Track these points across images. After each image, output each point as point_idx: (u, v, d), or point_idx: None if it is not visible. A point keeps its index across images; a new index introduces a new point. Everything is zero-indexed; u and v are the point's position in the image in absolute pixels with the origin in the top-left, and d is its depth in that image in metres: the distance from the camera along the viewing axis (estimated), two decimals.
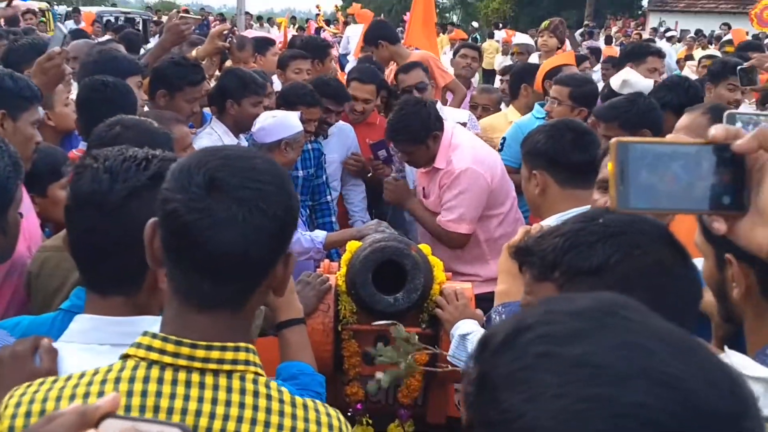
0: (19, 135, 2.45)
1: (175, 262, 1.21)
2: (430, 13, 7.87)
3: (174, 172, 1.20)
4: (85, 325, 1.43)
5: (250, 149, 1.34)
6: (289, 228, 1.25)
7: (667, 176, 0.98)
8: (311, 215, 4.39)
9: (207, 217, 1.15)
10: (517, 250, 1.42)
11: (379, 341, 2.58)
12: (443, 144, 3.75)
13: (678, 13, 28.57)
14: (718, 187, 0.99)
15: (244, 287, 1.23)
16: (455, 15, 40.56)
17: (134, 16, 22.00)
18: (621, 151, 0.98)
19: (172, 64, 3.86)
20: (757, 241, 0.99)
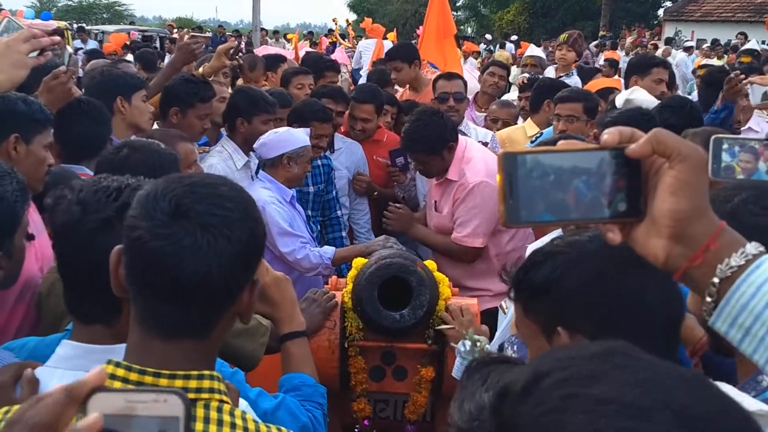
0: (32, 158, 2.48)
1: (138, 289, 1.22)
2: (448, 25, 7.84)
3: (140, 198, 1.21)
4: (69, 352, 1.44)
5: (216, 176, 1.34)
6: (255, 254, 1.25)
7: (558, 186, 0.93)
8: (321, 230, 4.42)
9: (171, 243, 1.16)
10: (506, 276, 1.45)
11: (385, 358, 2.60)
12: (457, 156, 3.77)
13: (694, 22, 28.41)
14: (613, 194, 0.94)
15: (208, 314, 1.23)
16: (470, 27, 40.59)
17: (152, 33, 22.25)
18: (507, 163, 0.93)
19: (183, 81, 3.92)
20: (652, 251, 0.95)
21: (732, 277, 0.90)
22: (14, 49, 2.19)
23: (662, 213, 0.92)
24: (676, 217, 0.91)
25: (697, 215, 0.92)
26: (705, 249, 0.91)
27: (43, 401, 0.82)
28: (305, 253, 3.51)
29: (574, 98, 4.41)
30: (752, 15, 27.20)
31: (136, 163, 2.10)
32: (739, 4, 29.10)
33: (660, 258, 0.94)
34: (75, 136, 2.98)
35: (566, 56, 7.21)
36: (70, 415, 0.81)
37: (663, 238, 0.93)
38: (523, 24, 34.97)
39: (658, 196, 0.93)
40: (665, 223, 0.92)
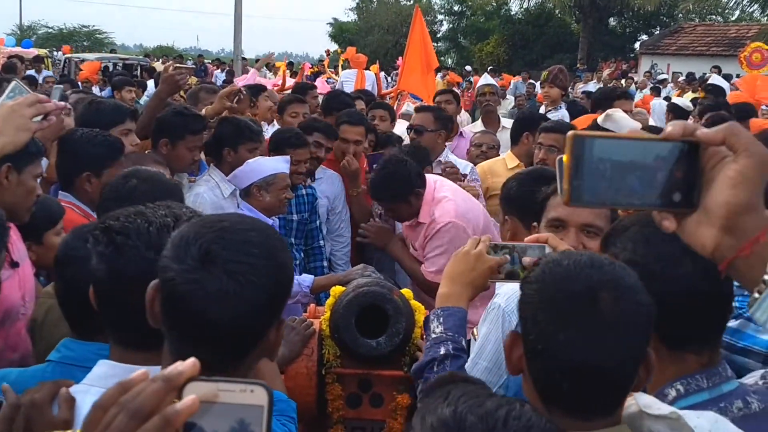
0: (22, 187, 2.50)
1: (169, 325, 1.27)
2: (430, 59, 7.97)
3: (174, 240, 1.26)
4: (107, 371, 1.47)
5: (249, 219, 1.36)
6: (281, 298, 1.30)
7: (619, 172, 0.97)
8: (304, 259, 4.45)
9: (200, 288, 1.21)
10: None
11: (362, 385, 2.64)
12: (426, 199, 3.84)
13: (670, 55, 28.94)
14: (669, 183, 0.98)
15: (235, 354, 1.28)
16: (450, 58, 41.05)
17: (132, 62, 22.30)
18: (576, 145, 0.97)
19: (174, 113, 3.96)
20: (701, 241, 0.99)
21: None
22: (19, 113, 2.22)
23: (718, 204, 0.96)
24: (731, 209, 0.95)
25: (751, 209, 0.96)
26: (755, 241, 0.96)
27: (146, 391, 0.86)
28: None
29: (558, 129, 4.47)
30: (726, 49, 27.75)
31: (143, 193, 2.15)
32: (714, 38, 29.70)
33: (708, 247, 0.98)
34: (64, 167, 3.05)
35: (549, 93, 7.35)
36: (168, 401, 0.86)
37: (714, 228, 0.97)
38: (502, 56, 35.46)
39: (716, 187, 0.96)
40: (720, 213, 0.96)
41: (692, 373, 1.51)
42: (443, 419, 1.06)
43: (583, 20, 34.15)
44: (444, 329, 1.85)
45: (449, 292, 1.90)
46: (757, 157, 0.95)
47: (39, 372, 1.73)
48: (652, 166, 0.98)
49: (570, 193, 0.97)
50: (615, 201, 1.00)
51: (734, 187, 0.95)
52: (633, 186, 0.97)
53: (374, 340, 2.53)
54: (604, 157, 0.97)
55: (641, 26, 38.13)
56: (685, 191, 0.98)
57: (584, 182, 0.97)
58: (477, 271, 1.84)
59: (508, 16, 38.83)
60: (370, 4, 41.72)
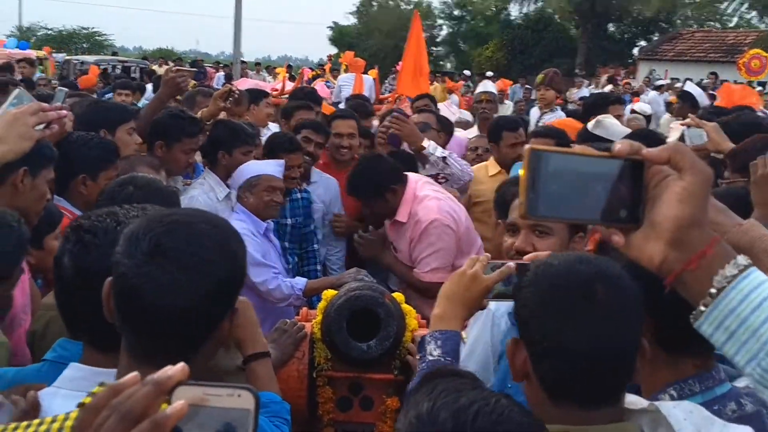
0: (35, 192, 2.51)
1: (123, 319, 1.30)
2: (423, 62, 8.03)
3: (125, 236, 1.29)
4: (75, 374, 1.50)
5: (199, 212, 1.42)
6: (233, 287, 1.33)
7: (573, 186, 1.01)
8: (299, 262, 4.46)
9: (150, 281, 1.24)
10: None
11: (353, 388, 2.65)
12: (407, 197, 3.86)
13: (668, 61, 29.01)
14: (616, 200, 1.02)
15: (188, 343, 1.30)
16: (449, 63, 41.12)
17: (131, 65, 22.32)
18: (533, 159, 1.00)
19: (170, 116, 3.98)
20: (648, 254, 1.02)
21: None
22: (21, 121, 2.24)
23: (665, 218, 1.00)
24: (678, 223, 1.00)
25: (696, 224, 1.00)
26: (701, 255, 1.00)
27: (137, 394, 0.88)
28: (277, 283, 3.57)
29: (547, 134, 4.53)
30: (724, 55, 27.84)
31: (139, 201, 2.16)
32: (712, 45, 29.79)
33: (656, 261, 1.02)
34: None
35: (545, 95, 7.43)
36: (158, 405, 0.88)
37: (661, 242, 1.01)
38: (501, 60, 35.51)
39: (663, 203, 1.00)
40: (667, 227, 1.00)
41: (686, 378, 1.53)
42: (419, 414, 1.09)
43: (582, 26, 34.26)
44: (442, 353, 1.82)
45: (444, 313, 1.87)
46: (701, 175, 1.00)
47: (34, 371, 1.75)
48: (602, 182, 1.01)
49: (527, 205, 1.00)
50: (567, 215, 1.04)
51: (681, 202, 0.99)
52: (584, 201, 1.01)
53: (365, 344, 2.55)
54: (558, 171, 1.00)
55: (640, 32, 38.21)
56: (630, 208, 1.02)
57: (539, 195, 1.00)
58: (471, 291, 1.83)
59: (508, 21, 38.95)
60: (370, 8, 41.81)
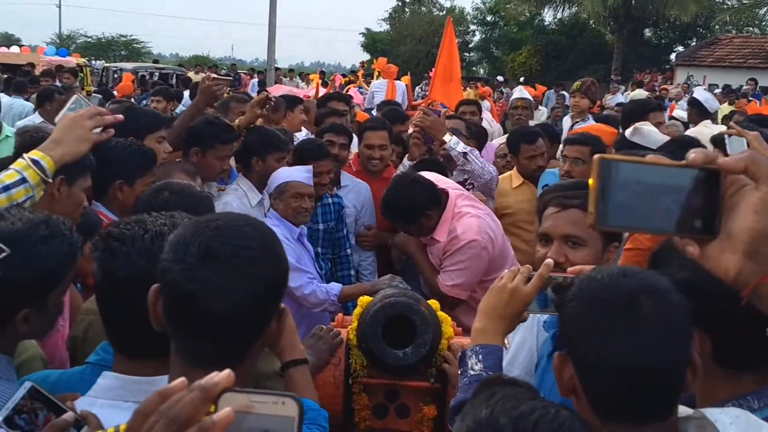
0: (72, 200, 2.54)
1: (176, 325, 1.31)
2: (455, 69, 8.02)
3: (172, 243, 1.30)
4: (111, 383, 1.51)
5: (241, 216, 1.43)
6: (280, 288, 1.34)
7: (643, 196, 0.99)
8: (331, 268, 4.47)
9: (204, 285, 1.25)
10: None
11: (389, 395, 2.64)
12: (445, 217, 3.82)
13: (706, 67, 28.60)
14: (691, 210, 1.00)
15: (241, 345, 1.32)
16: (482, 69, 41.00)
17: (168, 71, 22.64)
18: (603, 169, 0.99)
19: (206, 122, 4.03)
20: (724, 266, 1.00)
21: None
22: (79, 124, 2.29)
23: (741, 230, 0.98)
24: (754, 234, 0.97)
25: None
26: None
27: (183, 400, 0.90)
28: (312, 288, 3.57)
29: (583, 141, 4.49)
30: (763, 61, 27.39)
31: (175, 206, 2.18)
32: (751, 51, 29.31)
33: (731, 273, 1.00)
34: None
35: (580, 103, 7.41)
36: (204, 410, 0.90)
37: (737, 254, 0.98)
38: (535, 66, 35.29)
39: (739, 214, 0.98)
40: (742, 239, 0.98)
41: (745, 394, 1.49)
42: (478, 420, 1.09)
43: (618, 31, 33.87)
44: (484, 367, 1.81)
45: (485, 327, 1.85)
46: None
47: (78, 374, 1.78)
48: (675, 192, 1.00)
49: (596, 215, 0.99)
50: (639, 225, 1.02)
51: (757, 213, 0.97)
52: (656, 211, 0.99)
53: (401, 351, 2.53)
54: (628, 181, 0.99)
55: (677, 37, 37.76)
56: (705, 218, 1.00)
57: (609, 205, 0.99)
58: (511, 305, 1.81)
59: (541, 26, 38.70)
60: (402, 15, 41.87)
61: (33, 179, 2.20)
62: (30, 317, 1.78)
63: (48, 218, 1.84)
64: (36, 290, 1.78)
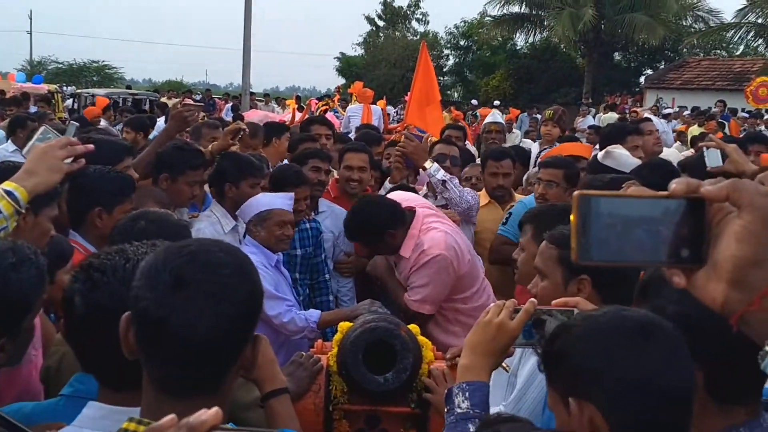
0: (37, 229, 2.52)
1: (147, 353, 1.29)
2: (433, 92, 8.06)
3: (143, 270, 1.29)
4: (95, 413, 1.49)
5: (213, 241, 1.42)
6: (254, 313, 1.33)
7: (626, 229, 0.99)
8: (310, 293, 4.45)
9: (175, 312, 1.24)
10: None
11: (369, 421, 2.62)
12: (411, 233, 3.83)
13: (675, 90, 29.05)
14: (676, 240, 0.99)
15: (216, 372, 1.31)
16: (456, 92, 41.33)
17: (142, 97, 22.55)
18: (582, 204, 0.99)
19: (175, 148, 4.02)
20: (711, 295, 0.99)
21: None
22: (51, 154, 2.30)
23: (725, 258, 0.97)
24: (738, 263, 0.96)
25: (757, 263, 0.96)
26: (763, 295, 0.96)
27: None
28: (291, 316, 3.56)
29: (556, 164, 4.56)
30: (731, 83, 27.87)
31: (152, 235, 2.17)
32: (719, 73, 29.86)
33: (718, 301, 0.99)
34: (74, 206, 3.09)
35: (551, 132, 7.58)
36: None
37: (723, 282, 0.97)
38: (508, 90, 35.68)
39: (722, 242, 0.97)
40: (727, 267, 0.97)
41: (737, 425, 1.50)
42: None
43: (588, 55, 34.39)
44: (470, 405, 1.80)
45: (471, 363, 1.85)
46: (761, 211, 0.96)
47: (52, 405, 1.75)
48: (659, 223, 0.99)
49: (578, 251, 0.99)
50: (623, 258, 1.01)
51: (740, 241, 0.96)
52: (641, 243, 0.99)
53: (382, 376, 2.53)
54: (610, 215, 0.99)
55: (646, 60, 38.37)
56: (692, 247, 1.00)
57: (591, 240, 0.99)
58: (498, 341, 1.81)
59: (514, 50, 39.15)
60: (377, 39, 42.15)
61: (7, 210, 2.19)
62: (6, 346, 1.76)
63: (13, 245, 1.82)
64: (11, 318, 1.76)
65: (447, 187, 4.58)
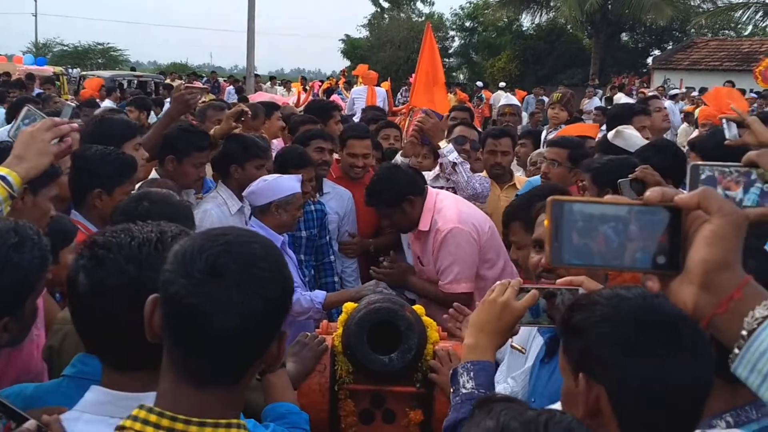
0: (37, 209, 2.52)
1: (174, 340, 1.27)
2: (438, 73, 8.02)
3: (177, 255, 1.26)
4: (99, 398, 1.47)
5: (250, 232, 1.40)
6: (284, 310, 1.31)
7: (599, 235, 1.01)
8: (315, 275, 4.46)
9: (208, 301, 1.21)
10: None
11: (375, 401, 2.64)
12: (427, 207, 3.86)
13: (682, 70, 28.86)
14: (653, 246, 1.01)
15: (240, 366, 1.29)
16: (462, 74, 41.12)
17: (146, 79, 22.51)
18: (555, 209, 1.01)
19: (181, 130, 4.02)
20: (682, 299, 1.02)
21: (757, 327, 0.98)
22: (38, 138, 2.28)
23: (695, 262, 1.00)
24: (707, 266, 0.99)
25: (726, 266, 0.99)
26: (729, 298, 0.99)
27: None
28: (296, 297, 3.56)
29: (561, 144, 4.55)
30: (740, 64, 27.68)
31: (154, 216, 2.16)
32: (727, 53, 29.63)
33: (689, 305, 1.01)
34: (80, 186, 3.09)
35: (559, 115, 7.56)
36: None
37: (693, 286, 1.00)
38: (514, 71, 35.49)
39: (693, 247, 1.00)
40: (697, 271, 1.00)
41: (742, 405, 1.51)
42: (486, 428, 1.08)
43: (595, 35, 34.14)
44: (475, 385, 1.80)
45: (476, 343, 1.85)
46: (729, 216, 1.00)
47: (54, 387, 1.75)
48: (635, 230, 1.01)
49: (551, 254, 1.01)
50: (599, 262, 1.03)
51: (709, 245, 1.00)
52: (616, 248, 1.01)
53: (386, 357, 2.53)
54: (583, 220, 1.01)
55: (654, 41, 38.11)
56: (669, 254, 1.02)
57: (564, 245, 1.01)
58: (503, 320, 1.81)
59: (520, 31, 38.90)
60: (381, 21, 41.91)
61: (1, 194, 2.19)
62: (9, 325, 1.75)
63: (15, 225, 1.81)
64: (14, 298, 1.76)
65: (456, 170, 4.56)
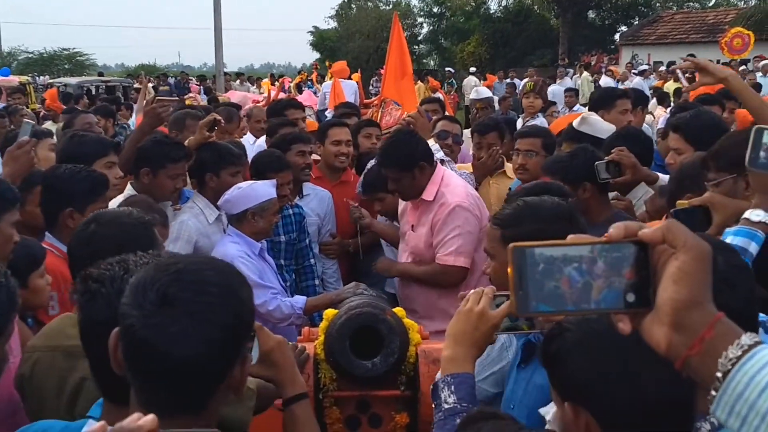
0: (0, 236, 2.49)
1: (133, 371, 1.29)
2: (405, 67, 8.02)
3: (132, 286, 1.28)
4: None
5: (203, 258, 1.40)
6: (242, 334, 1.32)
7: (564, 278, 0.96)
8: (296, 278, 4.45)
9: (161, 332, 1.23)
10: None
11: (360, 407, 2.64)
12: (434, 179, 3.90)
13: (649, 45, 29.08)
14: (621, 285, 0.97)
15: (201, 392, 1.30)
16: (432, 60, 41.09)
17: (115, 83, 22.24)
18: (517, 256, 0.96)
19: (154, 142, 3.97)
20: (655, 339, 0.98)
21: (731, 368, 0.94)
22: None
23: (664, 301, 0.95)
24: (676, 306, 0.95)
25: (695, 305, 0.95)
26: (701, 339, 0.94)
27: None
28: (276, 303, 3.56)
29: (533, 134, 4.54)
30: (705, 35, 27.91)
31: (103, 238, 2.13)
32: (693, 26, 29.87)
33: (662, 346, 0.97)
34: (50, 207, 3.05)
35: (534, 103, 7.70)
36: None
37: (665, 325, 0.96)
38: (483, 55, 35.50)
39: (661, 285, 0.96)
40: (666, 311, 0.95)
41: None
42: None
43: (562, 15, 34.29)
44: (457, 399, 1.78)
45: (454, 355, 1.83)
46: (694, 251, 0.95)
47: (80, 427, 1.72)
48: (601, 269, 0.97)
49: (517, 303, 0.97)
50: (563, 308, 0.97)
51: (676, 283, 0.95)
52: (583, 291, 0.96)
53: (369, 361, 2.54)
54: (547, 265, 0.96)
55: (620, 17, 38.29)
56: (639, 291, 0.97)
57: (529, 292, 0.96)
58: (480, 330, 1.79)
59: (488, 15, 38.91)
60: (349, 11, 41.72)
61: None
62: None
63: None
64: None
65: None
